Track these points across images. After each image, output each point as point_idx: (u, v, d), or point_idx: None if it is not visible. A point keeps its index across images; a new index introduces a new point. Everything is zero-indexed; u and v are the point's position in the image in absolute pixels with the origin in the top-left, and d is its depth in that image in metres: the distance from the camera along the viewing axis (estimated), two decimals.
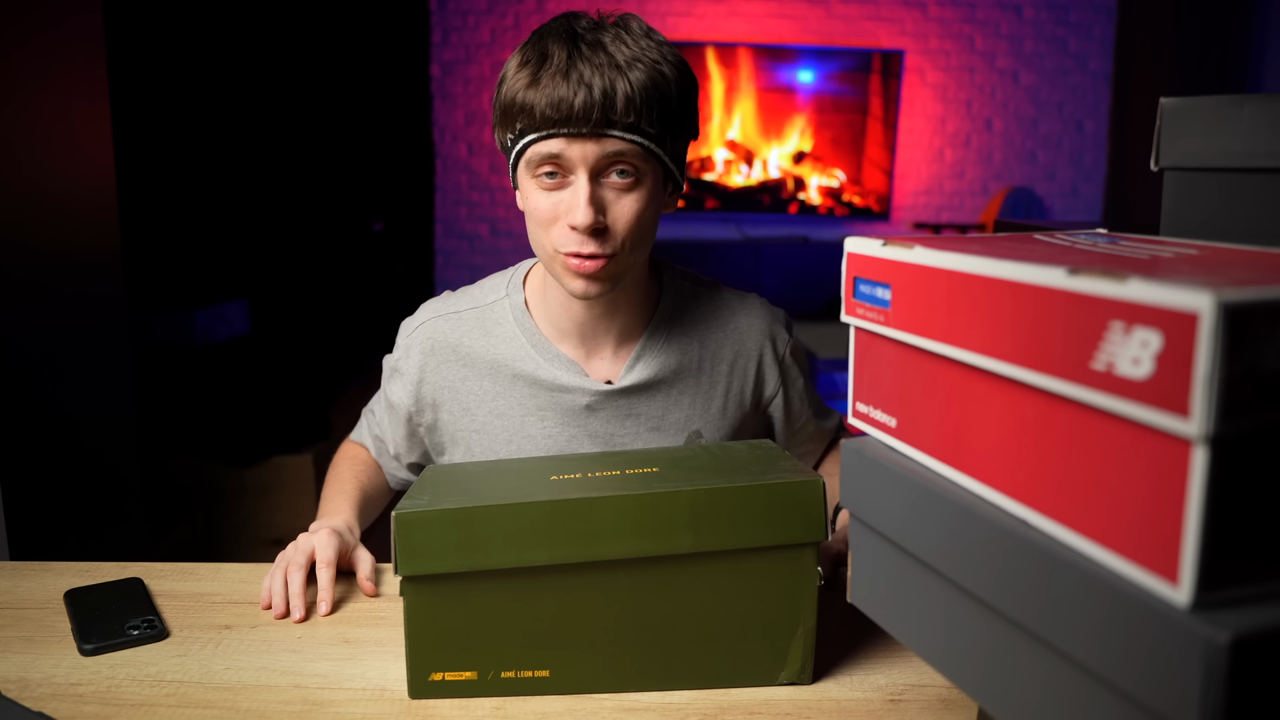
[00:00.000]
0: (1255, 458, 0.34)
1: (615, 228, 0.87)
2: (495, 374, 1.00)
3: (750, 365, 1.04)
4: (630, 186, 0.87)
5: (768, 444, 0.86)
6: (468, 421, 1.01)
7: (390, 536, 0.72)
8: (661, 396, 1.00)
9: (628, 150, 0.85)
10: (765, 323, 1.05)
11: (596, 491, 0.71)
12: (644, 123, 0.85)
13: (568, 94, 0.83)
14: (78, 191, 1.70)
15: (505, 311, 1.01)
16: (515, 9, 4.35)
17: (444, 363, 1.01)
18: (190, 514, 2.34)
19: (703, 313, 1.03)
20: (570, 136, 0.84)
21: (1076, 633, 0.40)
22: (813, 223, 4.53)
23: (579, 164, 0.85)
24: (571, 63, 0.83)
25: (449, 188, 4.45)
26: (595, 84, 0.83)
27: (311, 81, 2.96)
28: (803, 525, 0.71)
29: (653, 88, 0.85)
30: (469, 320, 1.01)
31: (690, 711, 0.72)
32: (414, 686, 0.73)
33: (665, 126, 0.88)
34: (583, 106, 0.82)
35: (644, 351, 1.00)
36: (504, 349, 1.00)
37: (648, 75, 0.85)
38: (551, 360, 0.99)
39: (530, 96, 0.84)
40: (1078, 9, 4.38)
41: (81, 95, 1.71)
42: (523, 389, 0.99)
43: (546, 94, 0.83)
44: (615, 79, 0.83)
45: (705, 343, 1.02)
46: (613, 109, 0.83)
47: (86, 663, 0.79)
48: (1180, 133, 0.58)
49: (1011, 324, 0.42)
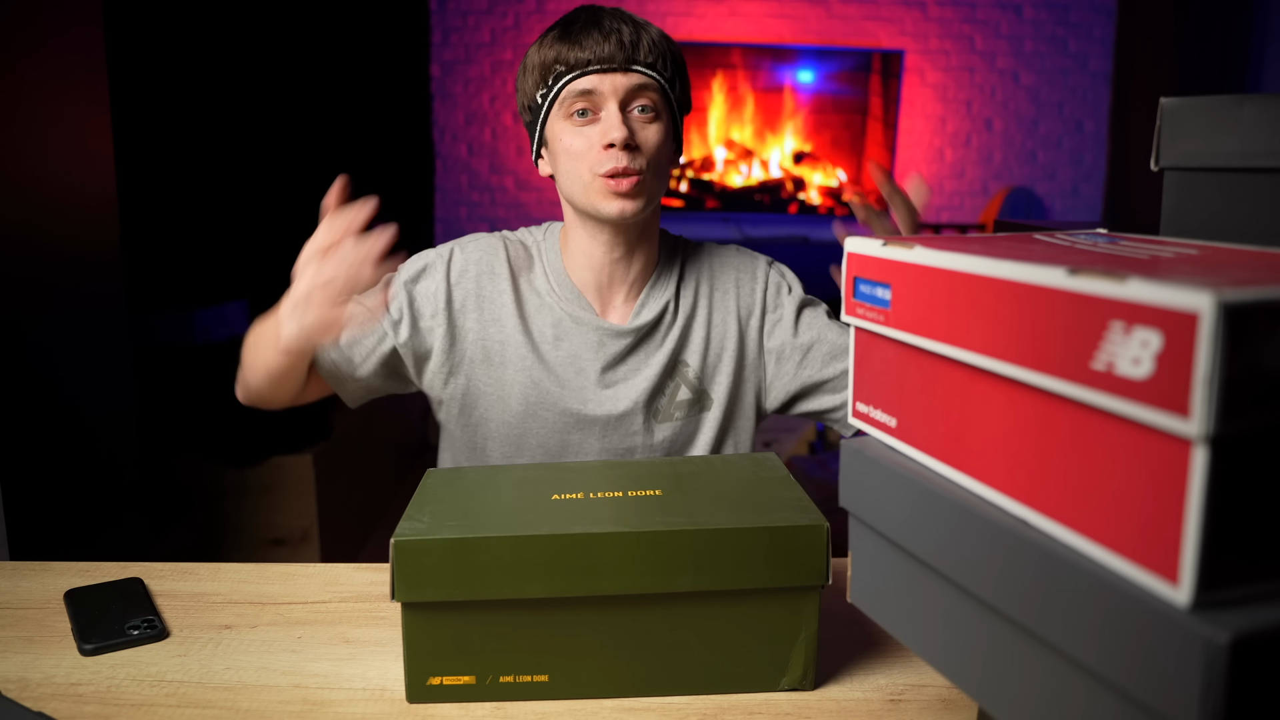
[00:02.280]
0: (1255, 458, 0.34)
1: (644, 149, 1.00)
2: (526, 297, 1.09)
3: (729, 299, 1.13)
4: (651, 120, 1.01)
5: (772, 461, 0.87)
6: (495, 332, 1.07)
7: (389, 559, 0.72)
8: (659, 340, 1.10)
9: (650, 84, 1.01)
10: (736, 260, 1.16)
11: (597, 524, 0.72)
12: (660, 65, 1.02)
13: (600, 37, 0.99)
14: (78, 191, 1.70)
15: (540, 254, 1.12)
16: (515, 9, 4.35)
17: (485, 273, 1.09)
18: (190, 514, 2.33)
19: (695, 264, 1.15)
20: (603, 72, 0.99)
21: (1076, 633, 0.40)
22: (813, 223, 4.53)
23: (610, 96, 0.99)
24: (600, 18, 1.01)
25: (449, 188, 4.44)
26: (624, 30, 1.00)
27: (312, 82, 2.96)
28: (803, 570, 0.72)
29: (665, 42, 1.03)
30: (515, 248, 1.13)
31: (690, 712, 0.72)
32: (412, 691, 0.73)
33: (676, 74, 1.04)
34: (615, 46, 0.98)
35: (649, 297, 1.10)
36: (538, 282, 1.10)
37: (661, 34, 1.03)
38: (572, 300, 1.09)
39: (565, 48, 0.99)
40: (1078, 9, 4.38)
41: (82, 96, 1.71)
42: (546, 317, 1.09)
43: (580, 41, 0.99)
44: (639, 29, 1.01)
45: (699, 290, 1.13)
46: (638, 50, 1.00)
47: (86, 663, 0.79)
48: (1180, 133, 0.58)
49: (1011, 324, 0.42)
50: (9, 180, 1.51)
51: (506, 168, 4.43)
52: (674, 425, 1.10)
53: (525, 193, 4.45)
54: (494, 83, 4.39)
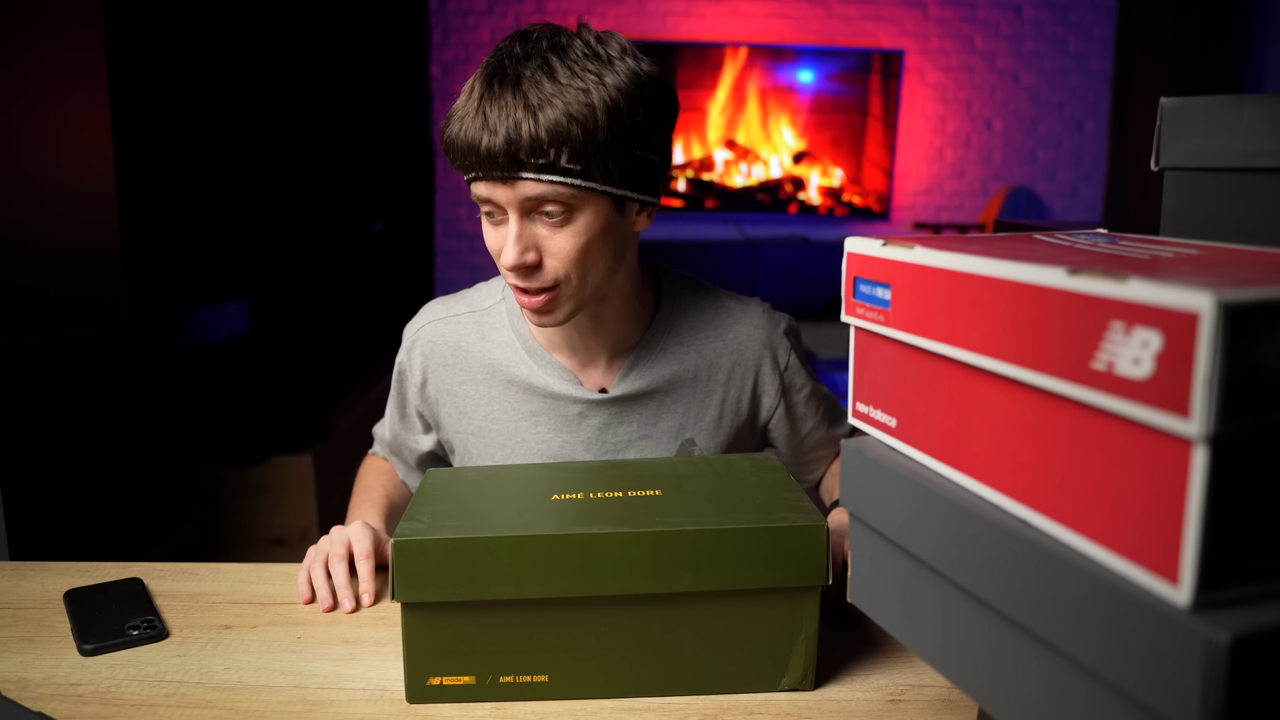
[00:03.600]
0: (1255, 458, 0.34)
1: (551, 263, 0.87)
2: (491, 378, 1.00)
3: (748, 376, 1.03)
4: (562, 223, 0.85)
5: (772, 461, 0.86)
6: (464, 425, 1.02)
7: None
8: (655, 405, 1.00)
9: (548, 192, 0.83)
10: (765, 332, 1.03)
11: (597, 524, 0.71)
12: (562, 160, 0.82)
13: (476, 138, 0.82)
14: (78, 191, 1.70)
15: (501, 316, 1.02)
16: (515, 9, 4.35)
17: (443, 365, 1.02)
18: (190, 514, 2.33)
19: (701, 320, 1.02)
20: (492, 180, 0.84)
21: (1077, 633, 0.40)
22: (813, 223, 4.53)
23: (507, 205, 0.85)
24: (482, 105, 0.83)
25: (449, 188, 4.45)
26: (500, 129, 0.81)
27: (312, 82, 2.96)
28: (803, 570, 0.72)
29: (567, 124, 0.81)
30: (466, 324, 1.02)
31: (690, 712, 0.72)
32: (412, 691, 0.73)
33: (592, 159, 0.83)
34: (487, 152, 0.82)
35: (638, 361, 1.00)
36: (499, 354, 1.00)
37: (563, 112, 0.81)
38: (545, 367, 0.99)
39: (451, 136, 0.85)
40: (1078, 9, 4.38)
41: (82, 96, 1.71)
42: (517, 394, 1.00)
43: (462, 137, 0.84)
44: (521, 121, 0.81)
45: (703, 352, 1.01)
46: (518, 152, 0.81)
47: (86, 663, 0.79)
48: (1180, 133, 0.58)
49: (1012, 324, 0.42)
50: (9, 180, 1.51)
51: None
52: None
53: None
54: None
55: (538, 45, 0.85)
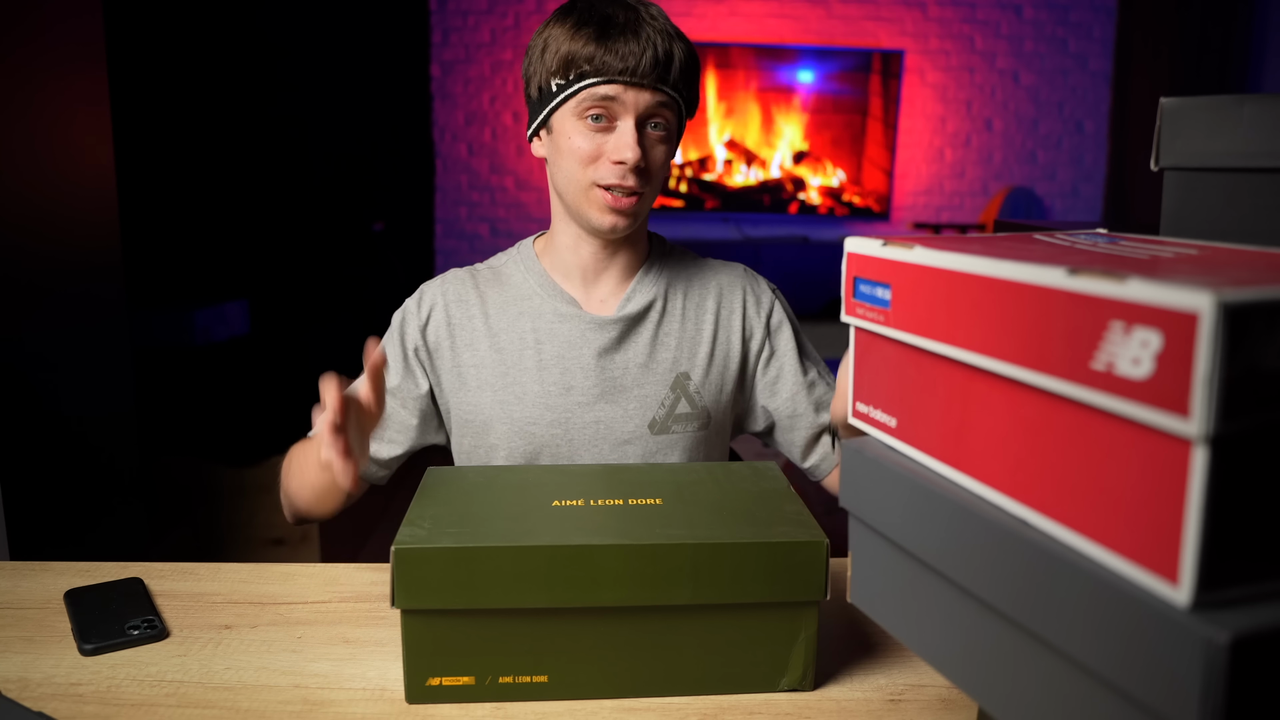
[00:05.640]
0: (1255, 458, 0.34)
1: (651, 168, 1.00)
2: (501, 311, 1.08)
3: (734, 317, 1.11)
4: (663, 138, 1.01)
5: (773, 471, 0.86)
6: (469, 356, 1.07)
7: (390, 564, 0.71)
8: (650, 333, 1.08)
9: (668, 103, 0.99)
10: (745, 281, 1.14)
11: (597, 535, 0.72)
12: (683, 85, 1.01)
13: (637, 50, 0.96)
14: (78, 191, 1.70)
15: (516, 264, 1.12)
16: (515, 9, 4.35)
17: (455, 301, 1.09)
18: (190, 514, 2.33)
19: (687, 268, 1.14)
20: (629, 85, 0.96)
21: (1076, 633, 0.40)
22: (813, 223, 4.53)
23: (630, 110, 0.97)
24: (640, 25, 0.97)
25: (449, 188, 4.44)
26: (659, 45, 0.97)
27: (312, 82, 2.96)
28: (802, 585, 0.72)
29: (691, 59, 1.01)
30: (483, 275, 1.12)
31: (690, 712, 0.72)
32: (411, 692, 0.73)
33: (692, 93, 1.04)
34: (650, 61, 0.96)
35: (636, 289, 1.09)
36: (512, 291, 1.09)
37: (688, 48, 1.01)
38: (554, 296, 1.08)
39: (597, 49, 0.96)
40: (1078, 9, 4.38)
41: (82, 96, 1.71)
42: (526, 323, 1.07)
43: (615, 47, 0.95)
44: (673, 44, 0.98)
45: (689, 289, 1.11)
46: (669, 68, 0.98)
47: (86, 663, 0.79)
48: (1180, 133, 0.58)
49: (1011, 324, 0.42)
50: (9, 180, 1.51)
51: (506, 168, 4.43)
52: (669, 439, 1.08)
53: (525, 193, 4.45)
54: (494, 83, 4.39)
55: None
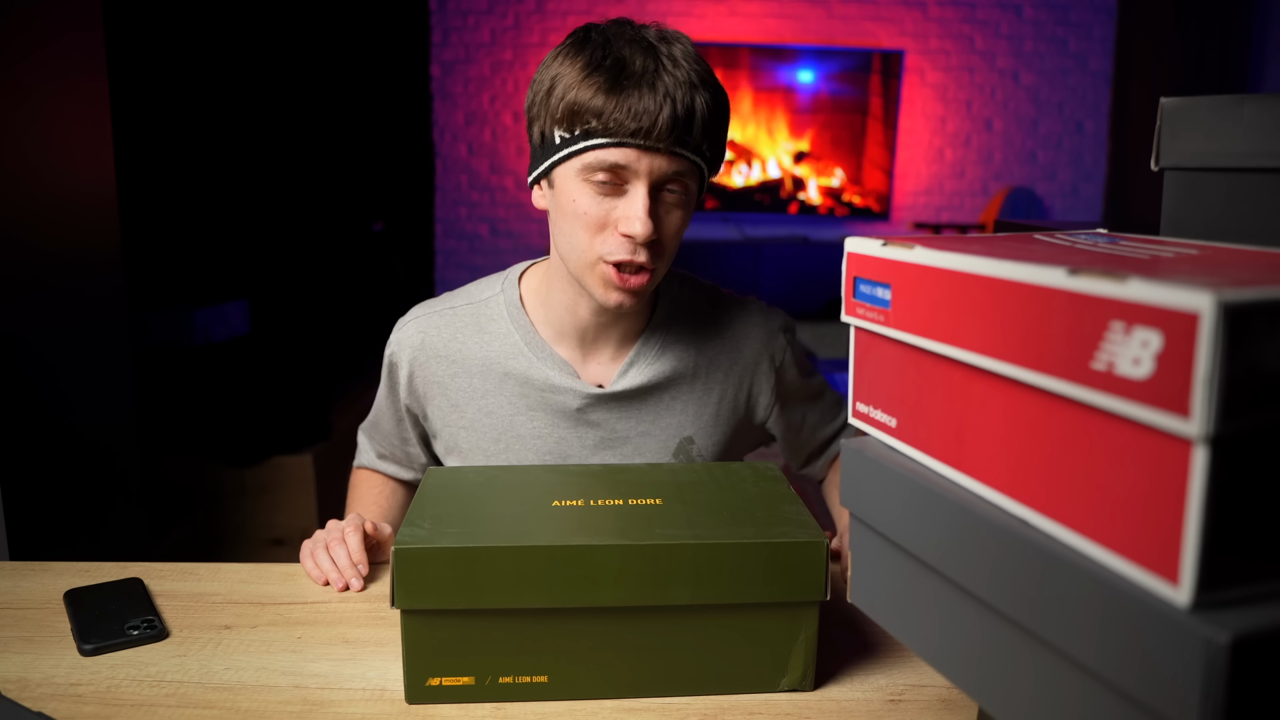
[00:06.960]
0: (1255, 458, 0.34)
1: (664, 239, 0.87)
2: (485, 371, 0.99)
3: (746, 376, 1.03)
4: (679, 203, 0.87)
5: (773, 471, 0.86)
6: (456, 418, 1.01)
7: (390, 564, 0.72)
8: (654, 402, 1.00)
9: (687, 169, 0.85)
10: (763, 332, 1.04)
11: (598, 535, 0.72)
12: (706, 145, 0.85)
13: (653, 106, 0.80)
14: (78, 191, 1.70)
15: (500, 308, 1.00)
16: (515, 9, 4.35)
17: (432, 358, 1.00)
18: (190, 514, 2.33)
19: (700, 319, 1.02)
20: (644, 149, 0.82)
21: (1076, 633, 0.40)
22: (813, 223, 4.53)
23: (643, 176, 0.83)
24: (659, 73, 0.81)
25: (449, 188, 4.45)
26: (679, 99, 0.81)
27: (311, 82, 2.96)
28: (802, 585, 0.72)
29: (717, 111, 0.85)
30: (463, 316, 1.01)
31: (690, 712, 0.72)
32: (411, 692, 0.73)
33: (717, 151, 0.88)
34: (668, 122, 0.80)
35: (638, 357, 0.99)
36: (496, 346, 0.99)
37: (714, 97, 0.84)
38: (545, 360, 0.98)
39: (606, 100, 0.81)
40: (1078, 9, 4.38)
41: (82, 95, 1.71)
42: (513, 387, 0.99)
43: (630, 104, 0.80)
44: (694, 96, 0.82)
45: (702, 350, 1.01)
46: (689, 128, 0.82)
47: (86, 663, 0.79)
48: (1180, 133, 0.58)
49: (1012, 324, 0.42)
50: (9, 180, 1.51)
51: (506, 168, 4.43)
52: None
53: (525, 193, 4.45)
54: (494, 83, 4.39)
55: (662, 33, 0.86)
